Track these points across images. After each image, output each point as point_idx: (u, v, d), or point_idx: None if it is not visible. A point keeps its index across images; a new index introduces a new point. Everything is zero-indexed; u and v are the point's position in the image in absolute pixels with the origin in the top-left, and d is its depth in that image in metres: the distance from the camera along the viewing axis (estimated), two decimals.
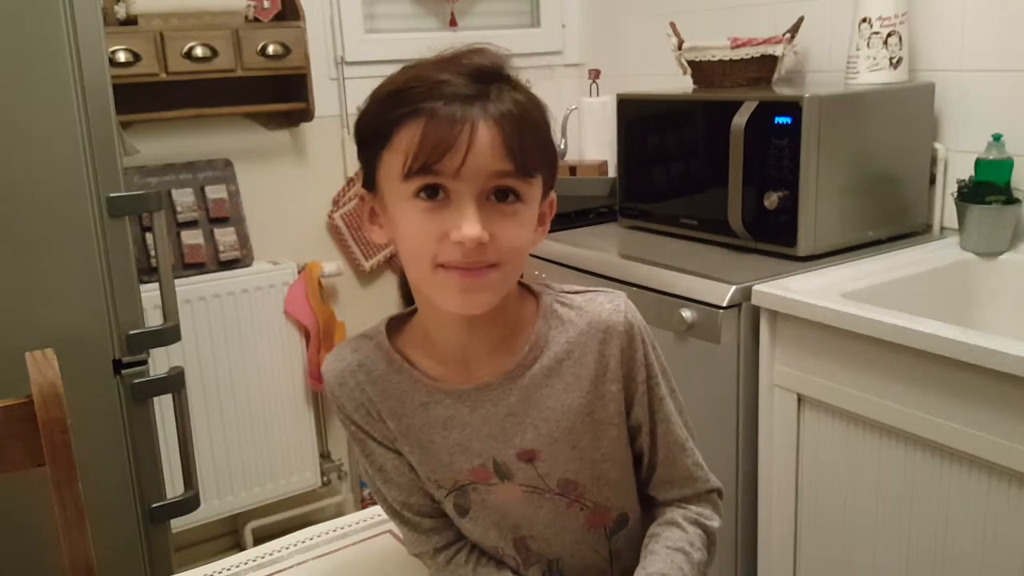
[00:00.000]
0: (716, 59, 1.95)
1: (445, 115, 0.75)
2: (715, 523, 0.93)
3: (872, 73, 1.82)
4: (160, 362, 1.61)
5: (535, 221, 0.83)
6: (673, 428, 0.91)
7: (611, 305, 0.90)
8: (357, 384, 0.89)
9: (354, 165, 2.54)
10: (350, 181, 2.55)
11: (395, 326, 0.91)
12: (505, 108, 0.77)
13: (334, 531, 1.08)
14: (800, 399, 1.51)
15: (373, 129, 0.80)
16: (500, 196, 0.78)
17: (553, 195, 0.88)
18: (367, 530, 1.08)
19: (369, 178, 0.83)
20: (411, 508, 0.92)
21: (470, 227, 0.75)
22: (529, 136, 0.78)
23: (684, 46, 2.03)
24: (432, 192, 0.77)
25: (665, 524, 0.91)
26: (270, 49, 2.17)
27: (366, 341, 0.91)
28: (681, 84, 2.07)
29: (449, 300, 0.79)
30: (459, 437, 0.88)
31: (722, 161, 1.74)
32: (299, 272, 2.36)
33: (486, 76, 0.78)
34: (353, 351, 0.90)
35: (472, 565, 0.93)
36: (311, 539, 1.07)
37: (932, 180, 1.85)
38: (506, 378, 0.86)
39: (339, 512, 2.55)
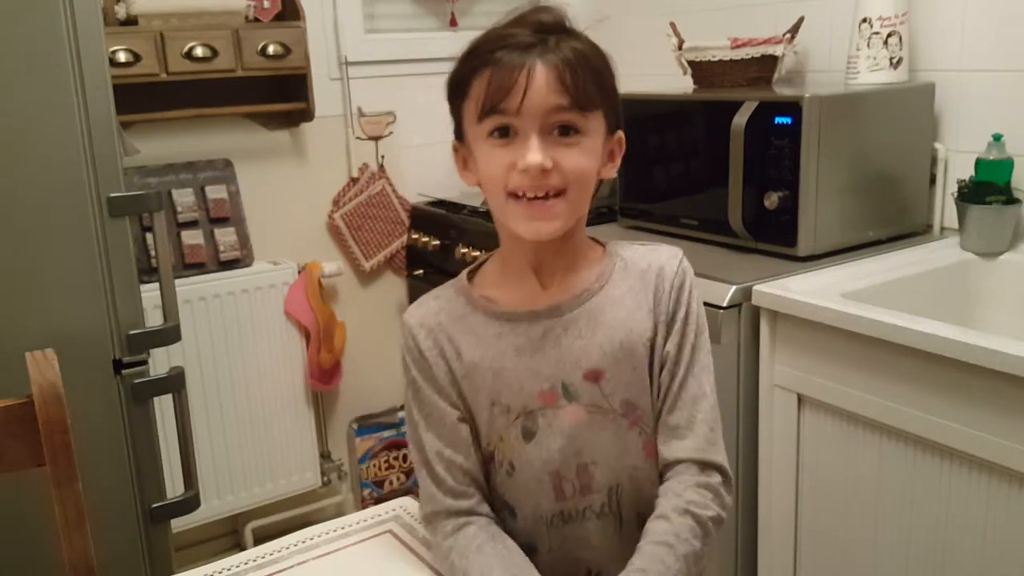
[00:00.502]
0: (716, 59, 1.95)
1: (507, 62, 0.87)
2: (710, 512, 0.93)
3: (872, 73, 1.82)
4: (160, 362, 1.61)
5: (599, 152, 0.92)
6: (697, 376, 0.96)
7: (669, 253, 0.99)
8: (438, 324, 0.97)
9: (356, 164, 2.55)
10: (351, 181, 2.55)
11: (472, 273, 1.01)
12: (562, 53, 0.88)
13: (334, 531, 1.08)
14: (800, 399, 1.51)
15: (455, 83, 0.93)
16: (563, 131, 0.89)
17: (621, 134, 0.96)
18: (367, 530, 1.08)
19: (458, 129, 0.96)
20: (444, 460, 0.95)
21: (533, 155, 0.86)
22: (584, 75, 0.88)
23: (684, 46, 2.03)
24: (503, 132, 0.89)
25: (654, 519, 0.92)
26: (270, 49, 2.17)
27: (446, 289, 1.01)
28: (681, 84, 2.07)
29: (520, 227, 0.90)
30: (529, 362, 0.94)
31: (722, 161, 1.74)
32: (299, 272, 2.36)
33: (547, 28, 0.90)
34: (435, 298, 1.00)
35: (479, 541, 0.93)
36: (311, 539, 1.07)
37: (932, 180, 1.85)
38: (575, 300, 0.95)
39: (339, 512, 2.55)
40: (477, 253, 2.23)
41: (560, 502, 0.96)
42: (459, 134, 0.96)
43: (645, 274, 0.97)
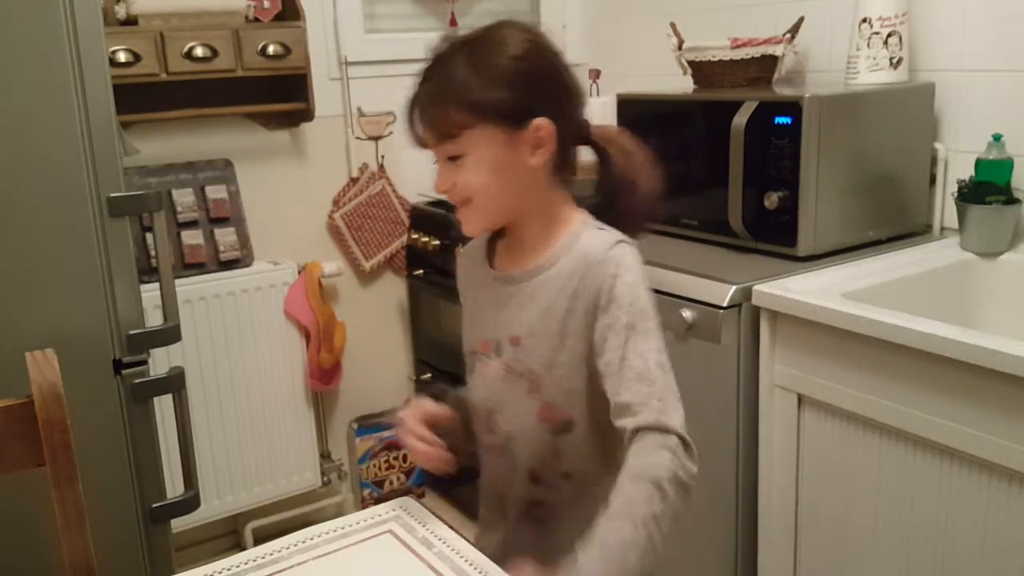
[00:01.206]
0: (716, 59, 1.95)
1: (408, 111, 1.08)
2: (664, 472, 0.95)
3: (872, 73, 1.82)
4: (160, 362, 1.60)
5: (491, 159, 1.03)
6: (641, 355, 1.00)
7: (603, 243, 1.06)
8: (466, 260, 1.21)
9: (357, 164, 2.55)
10: (351, 181, 2.55)
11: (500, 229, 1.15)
12: (420, 99, 1.06)
13: (334, 531, 1.08)
14: (800, 399, 1.51)
15: None
16: (449, 155, 1.05)
17: (539, 121, 1.03)
18: (367, 530, 1.08)
19: None
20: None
21: (436, 184, 1.08)
22: (440, 108, 1.03)
23: (684, 46, 2.03)
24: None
25: (613, 494, 0.96)
26: (270, 49, 2.17)
27: (482, 236, 1.19)
28: (681, 84, 2.08)
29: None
30: (487, 313, 1.14)
31: (722, 161, 1.74)
32: (299, 272, 2.36)
33: (426, 69, 1.08)
34: (474, 242, 1.20)
35: None
36: (311, 539, 1.07)
37: (932, 180, 1.85)
38: (525, 274, 1.10)
39: (339, 512, 2.55)
40: None
41: (479, 432, 1.17)
42: None
43: (580, 261, 1.05)
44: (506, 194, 1.06)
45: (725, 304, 1.56)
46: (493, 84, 1.01)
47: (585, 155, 2.60)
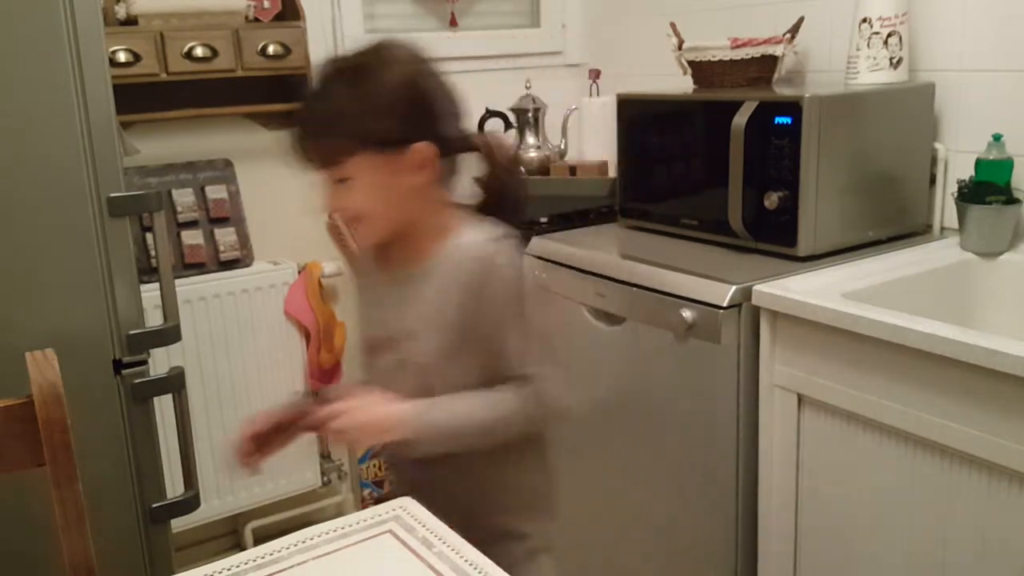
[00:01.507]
0: (716, 59, 1.95)
1: (295, 136, 1.16)
2: (507, 398, 1.17)
3: (872, 73, 1.82)
4: (160, 362, 1.60)
5: (372, 183, 1.14)
6: (507, 344, 1.16)
7: (478, 243, 1.17)
8: (364, 259, 1.31)
9: None
10: None
11: None
12: (306, 122, 1.15)
13: (334, 531, 1.08)
14: (800, 399, 1.51)
15: None
16: (334, 179, 1.14)
17: (419, 145, 1.13)
18: (367, 530, 1.08)
19: None
20: None
21: (324, 204, 1.18)
22: (323, 136, 1.13)
23: (684, 46, 2.03)
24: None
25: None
26: (270, 49, 2.17)
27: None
28: (681, 84, 2.08)
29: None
30: (379, 311, 1.24)
31: (722, 161, 1.74)
32: (299, 272, 2.36)
33: (306, 98, 1.16)
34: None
35: None
36: (311, 539, 1.07)
37: (932, 180, 1.85)
38: (412, 276, 1.20)
39: (339, 512, 2.55)
40: None
41: None
42: None
43: (463, 258, 1.16)
44: (393, 211, 1.17)
45: (725, 304, 1.57)
46: (375, 114, 1.11)
47: (593, 155, 2.61)
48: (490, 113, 2.54)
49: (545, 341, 1.20)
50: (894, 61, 1.81)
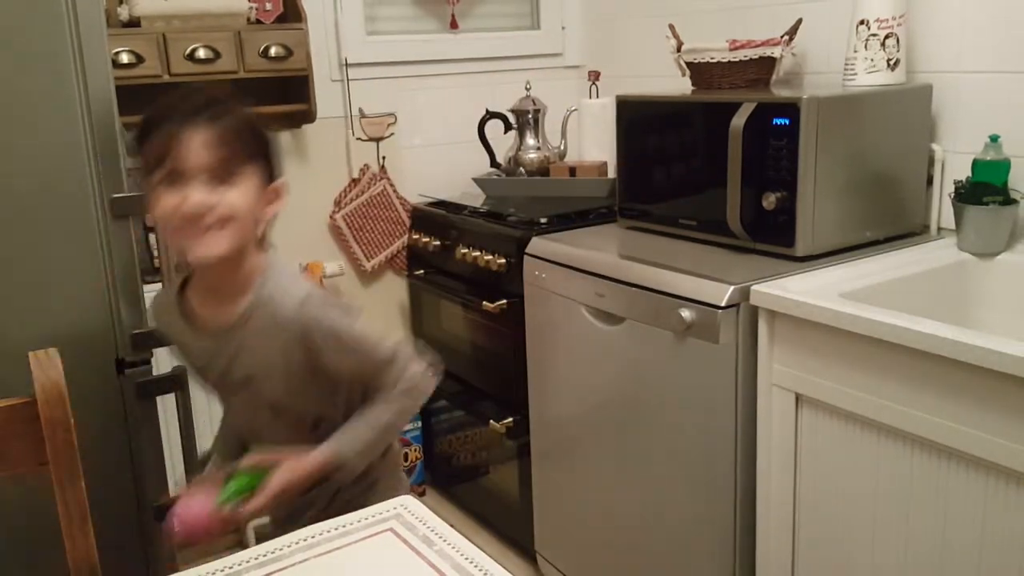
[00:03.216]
0: (715, 61, 1.96)
1: (168, 128, 1.13)
2: (392, 386, 1.27)
3: (870, 75, 1.83)
4: (163, 361, 1.61)
5: (254, 194, 1.18)
6: (368, 355, 1.26)
7: (295, 302, 1.21)
8: (159, 314, 1.34)
9: (358, 165, 2.56)
10: (353, 181, 2.56)
11: (187, 280, 1.28)
12: (213, 120, 1.14)
13: (335, 529, 1.09)
14: (798, 399, 1.52)
15: (136, 149, 1.19)
16: (221, 177, 1.14)
17: (281, 183, 1.23)
18: (368, 528, 1.09)
19: (144, 185, 1.20)
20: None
21: (192, 199, 1.12)
22: (232, 136, 1.15)
23: (683, 48, 2.04)
24: (168, 180, 1.13)
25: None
26: (272, 51, 2.18)
27: (166, 289, 1.36)
28: (680, 86, 2.08)
29: (189, 251, 1.15)
30: (204, 361, 1.28)
31: (721, 162, 1.75)
32: (301, 272, 2.37)
33: (203, 103, 1.15)
34: (161, 296, 1.35)
35: None
36: (312, 537, 1.07)
37: (929, 181, 1.86)
38: (233, 326, 1.22)
39: None
40: (477, 253, 2.24)
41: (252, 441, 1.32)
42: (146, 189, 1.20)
43: (280, 319, 1.20)
44: (249, 228, 1.19)
45: (723, 304, 1.57)
46: (267, 142, 1.22)
47: (593, 155, 2.62)
48: (490, 114, 2.55)
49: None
50: (891, 63, 1.82)
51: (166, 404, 1.57)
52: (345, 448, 1.24)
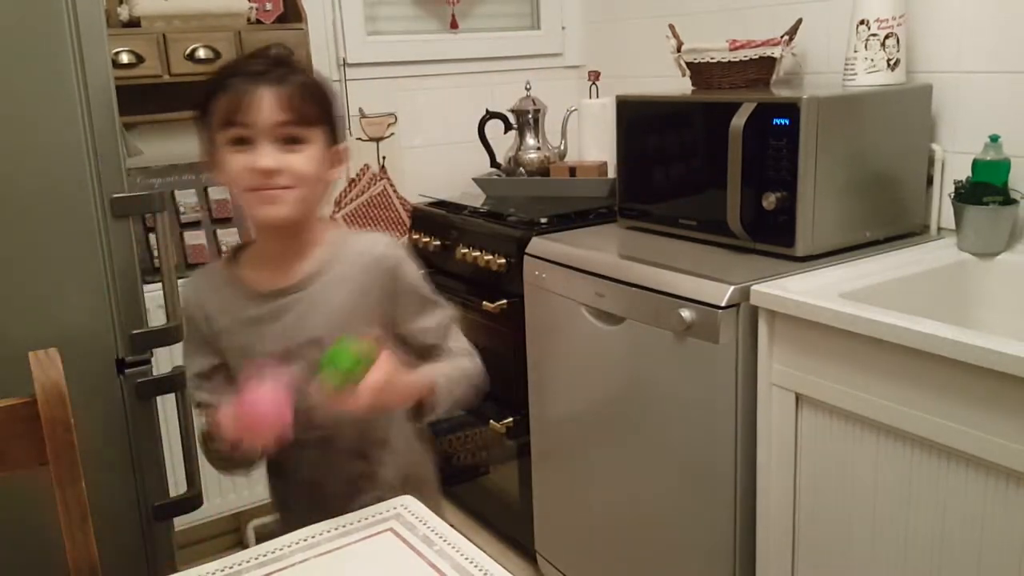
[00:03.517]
0: (715, 61, 1.96)
1: (241, 86, 1.12)
2: (456, 351, 1.29)
3: (870, 75, 1.83)
4: (163, 361, 1.61)
5: (320, 158, 1.17)
6: (435, 316, 1.27)
7: (384, 242, 1.25)
8: (200, 288, 1.26)
9: (358, 165, 2.56)
10: (352, 181, 2.56)
11: (238, 251, 1.27)
12: (286, 80, 1.14)
13: (335, 529, 1.09)
14: (798, 398, 1.52)
15: (200, 105, 1.16)
16: (289, 140, 1.13)
17: (345, 144, 1.24)
18: (368, 528, 1.09)
19: (207, 141, 1.18)
20: (199, 396, 1.25)
21: (263, 160, 1.12)
22: (304, 98, 1.14)
23: (683, 48, 2.04)
24: (239, 140, 1.13)
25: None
26: (272, 52, 2.18)
27: (213, 263, 1.31)
28: (680, 86, 2.08)
29: (255, 213, 1.16)
30: (260, 330, 1.20)
31: (721, 162, 1.75)
32: None
33: (274, 61, 1.16)
34: (206, 269, 1.31)
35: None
36: (312, 537, 1.08)
37: (929, 181, 1.86)
38: (301, 283, 1.21)
39: None
40: (477, 253, 2.24)
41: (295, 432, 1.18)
42: (210, 145, 1.19)
43: (365, 263, 1.21)
44: (317, 192, 1.20)
45: (723, 304, 1.57)
46: (333, 103, 1.21)
47: (593, 155, 2.62)
48: (490, 114, 2.55)
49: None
50: (891, 63, 1.82)
51: (166, 404, 1.57)
52: (440, 380, 1.21)
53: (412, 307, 1.25)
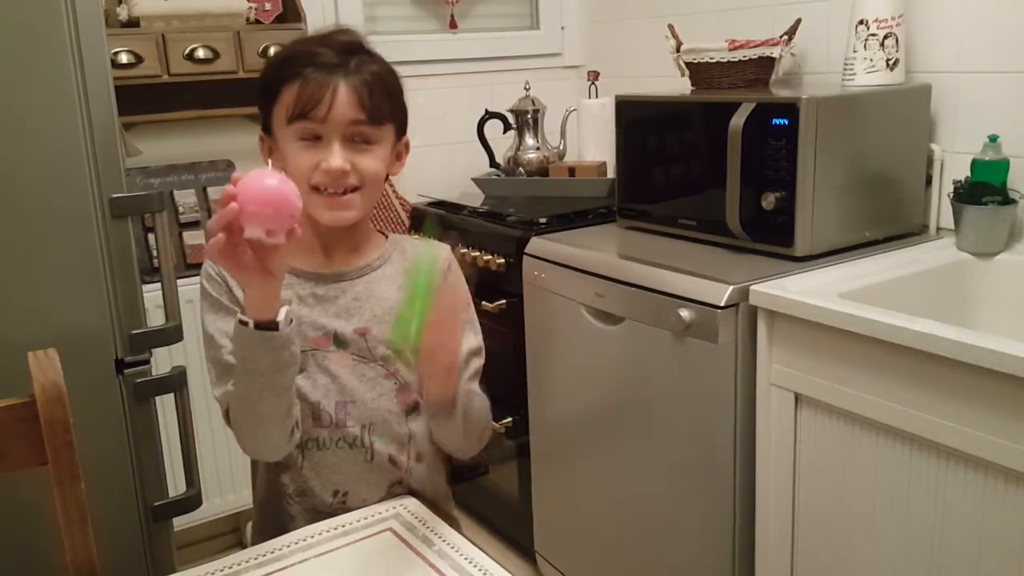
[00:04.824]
0: (714, 61, 1.96)
1: (315, 78, 1.07)
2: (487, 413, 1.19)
3: (869, 75, 1.83)
4: (162, 361, 1.61)
5: (387, 156, 1.15)
6: (472, 342, 1.19)
7: (439, 248, 1.22)
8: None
9: None
10: None
11: None
12: (361, 74, 1.09)
13: (335, 529, 1.09)
14: (797, 398, 1.52)
15: (266, 88, 1.11)
16: (361, 140, 1.10)
17: (407, 138, 1.21)
18: (368, 528, 1.09)
19: (266, 124, 1.15)
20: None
21: (334, 160, 1.08)
22: (378, 94, 1.10)
23: (682, 48, 2.04)
24: (308, 136, 1.08)
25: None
26: (271, 51, 2.18)
27: None
28: (679, 86, 2.09)
29: (321, 215, 1.11)
30: (308, 312, 1.15)
31: (720, 162, 1.75)
32: None
33: (348, 49, 1.10)
34: None
35: None
36: (312, 537, 1.08)
37: (928, 181, 1.86)
38: (356, 271, 1.18)
39: None
40: (477, 253, 2.24)
41: (317, 429, 1.16)
42: (266, 128, 1.15)
43: (416, 258, 1.17)
44: (380, 190, 1.18)
45: (722, 304, 1.57)
46: (402, 94, 1.18)
47: (592, 155, 2.62)
48: (489, 114, 2.55)
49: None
50: (891, 63, 1.82)
51: (165, 405, 1.57)
52: (462, 386, 1.10)
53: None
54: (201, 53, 2.10)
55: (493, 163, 2.60)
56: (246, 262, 0.93)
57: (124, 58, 2.01)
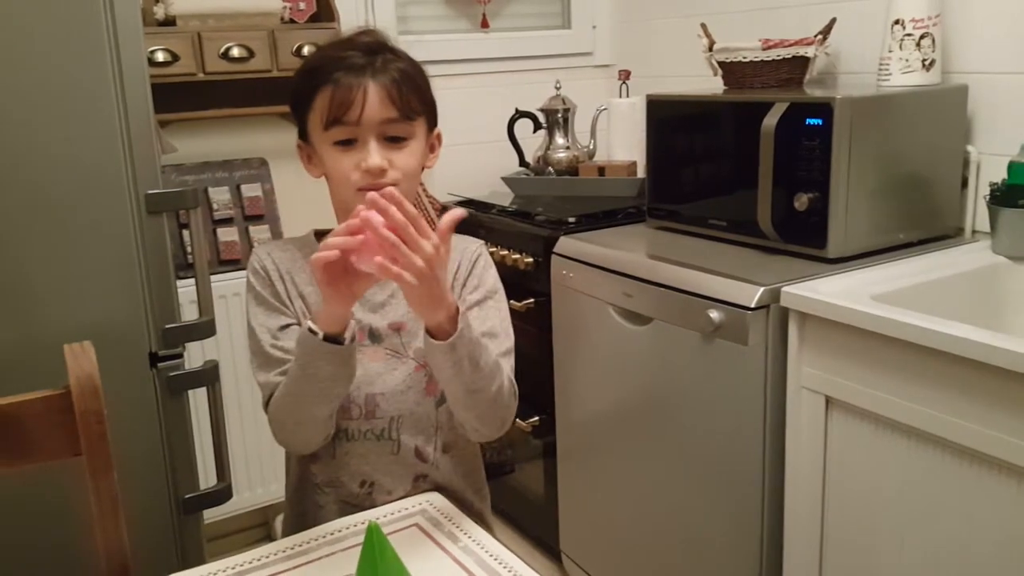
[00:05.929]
0: (747, 60, 1.95)
1: (345, 82, 1.09)
2: (504, 379, 1.14)
3: (904, 75, 1.81)
4: (195, 356, 1.63)
5: (422, 149, 1.18)
6: (491, 319, 1.19)
7: (474, 242, 1.25)
8: (281, 257, 1.21)
9: None
10: None
11: (319, 235, 1.22)
12: (388, 73, 1.11)
13: (362, 523, 1.10)
14: (828, 401, 1.51)
15: (298, 97, 1.15)
16: (394, 138, 1.12)
17: (439, 129, 1.23)
18: (394, 523, 1.10)
19: (302, 132, 1.18)
20: (278, 346, 1.15)
21: (373, 159, 1.10)
22: (407, 91, 1.12)
23: (715, 47, 2.03)
24: (344, 139, 1.11)
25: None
26: (305, 50, 2.20)
27: (292, 241, 1.26)
28: (711, 85, 2.07)
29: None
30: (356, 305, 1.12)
31: (752, 162, 1.74)
32: None
33: (372, 49, 1.12)
34: (281, 248, 1.24)
35: None
36: (339, 531, 1.09)
37: (964, 183, 1.83)
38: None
39: None
40: (505, 252, 2.25)
41: (346, 420, 1.18)
42: (303, 136, 1.18)
43: (454, 259, 1.17)
44: (417, 183, 1.20)
45: (753, 305, 1.56)
46: (430, 87, 1.19)
47: (622, 155, 2.61)
48: (520, 113, 2.55)
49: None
50: (926, 63, 1.80)
51: (197, 398, 1.59)
52: (473, 331, 1.07)
53: (474, 295, 1.20)
54: (236, 52, 2.12)
55: (523, 162, 2.60)
56: (338, 281, 1.00)
57: (160, 56, 2.04)
